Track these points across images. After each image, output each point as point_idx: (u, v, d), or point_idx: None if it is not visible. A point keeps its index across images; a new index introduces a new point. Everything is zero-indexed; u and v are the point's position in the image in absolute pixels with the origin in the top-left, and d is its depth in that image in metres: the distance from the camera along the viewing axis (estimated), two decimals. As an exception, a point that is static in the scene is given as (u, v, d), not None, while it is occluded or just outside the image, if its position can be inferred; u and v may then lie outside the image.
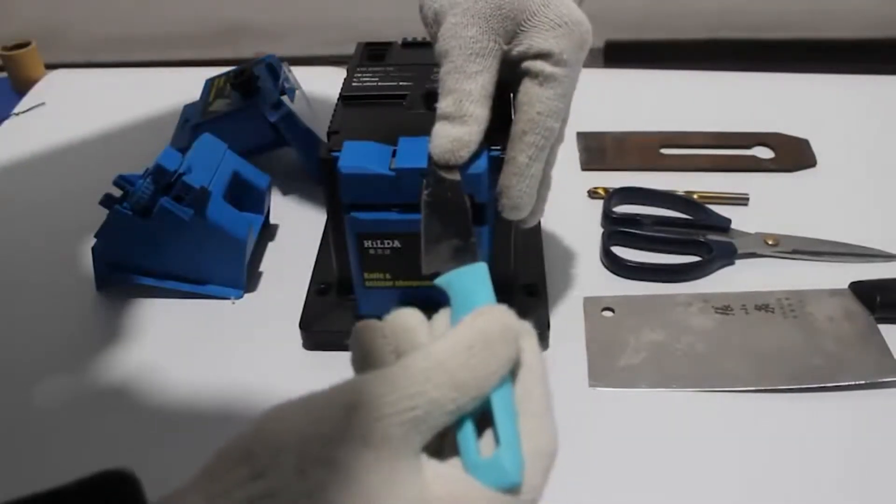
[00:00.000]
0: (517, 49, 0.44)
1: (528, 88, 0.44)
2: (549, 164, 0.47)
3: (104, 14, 1.96)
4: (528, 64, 0.44)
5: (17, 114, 0.82)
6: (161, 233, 0.56)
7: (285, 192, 0.69)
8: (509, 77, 0.46)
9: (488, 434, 0.30)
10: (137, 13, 1.97)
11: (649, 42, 1.96)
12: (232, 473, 0.27)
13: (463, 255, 0.36)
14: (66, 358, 0.55)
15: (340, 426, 0.28)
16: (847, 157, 0.72)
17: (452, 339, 0.30)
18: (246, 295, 0.59)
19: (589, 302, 0.57)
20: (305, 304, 0.56)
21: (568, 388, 0.51)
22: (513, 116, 0.46)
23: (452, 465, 0.30)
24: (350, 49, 0.58)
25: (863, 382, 0.51)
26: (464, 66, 0.43)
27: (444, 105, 0.44)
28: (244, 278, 0.59)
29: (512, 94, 0.47)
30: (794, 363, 0.52)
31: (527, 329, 0.32)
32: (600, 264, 0.61)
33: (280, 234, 0.65)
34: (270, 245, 0.64)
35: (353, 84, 0.54)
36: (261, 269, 0.61)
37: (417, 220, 0.42)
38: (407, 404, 0.29)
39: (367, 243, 0.49)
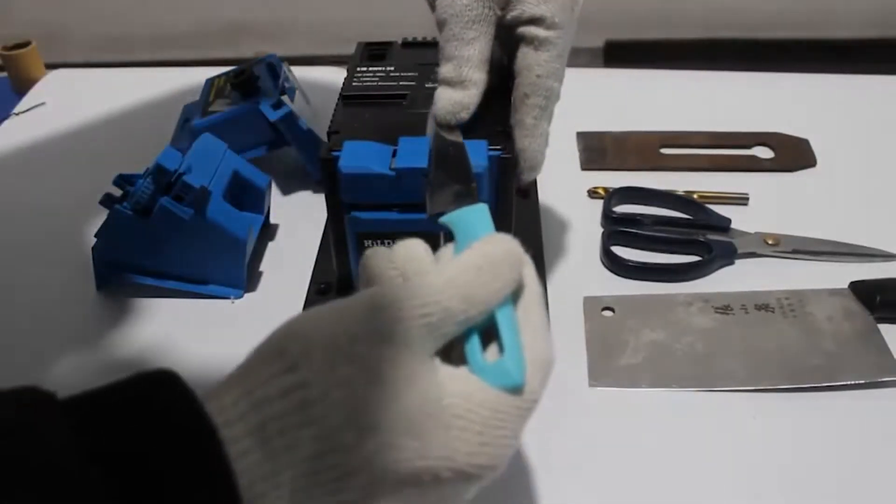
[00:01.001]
0: (511, 14, 0.47)
1: (525, 53, 0.47)
2: (550, 121, 0.50)
3: (104, 14, 1.97)
4: (522, 30, 0.47)
5: (17, 114, 0.82)
6: (161, 233, 0.56)
7: (285, 192, 0.69)
8: (506, 41, 0.48)
9: (492, 347, 0.34)
10: (137, 13, 1.97)
11: (649, 42, 1.96)
12: (267, 368, 0.30)
13: (465, 198, 0.39)
14: (66, 358, 0.55)
15: (365, 326, 0.31)
16: (847, 157, 0.72)
17: (462, 260, 0.34)
18: (246, 295, 0.59)
19: (589, 302, 0.57)
20: (305, 304, 0.56)
21: (568, 387, 0.51)
22: (515, 81, 0.48)
23: (462, 370, 0.33)
24: (350, 49, 0.58)
25: (863, 382, 0.51)
26: (461, 33, 0.46)
27: (444, 71, 0.47)
28: (244, 278, 0.59)
29: (509, 58, 0.49)
30: (793, 363, 0.52)
31: (527, 259, 0.36)
32: (600, 264, 0.61)
33: (280, 234, 0.65)
34: (270, 245, 0.64)
35: (353, 84, 0.54)
36: (261, 269, 0.61)
37: (418, 219, 0.42)
38: (424, 310, 0.32)
39: (368, 243, 0.49)
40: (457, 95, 0.46)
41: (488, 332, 0.34)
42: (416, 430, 0.31)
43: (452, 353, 0.34)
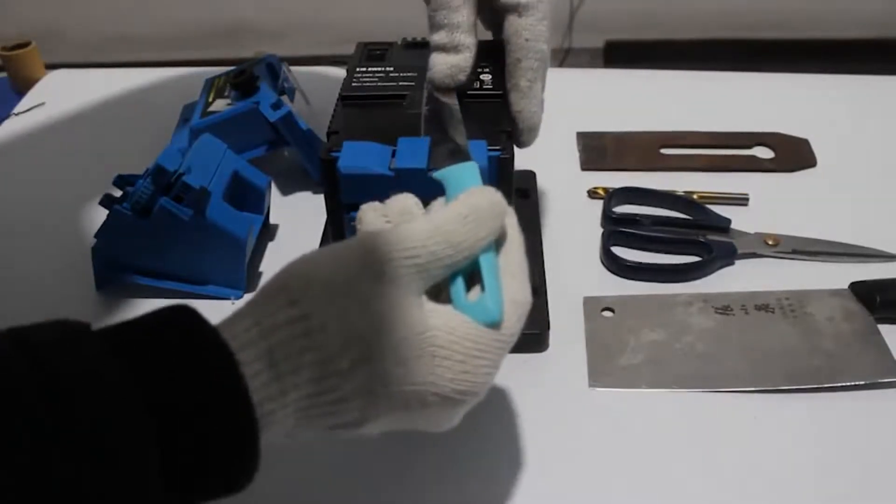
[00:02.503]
0: None
1: (511, 21, 0.50)
2: (544, 82, 0.52)
3: (104, 14, 1.97)
4: (504, 0, 0.49)
5: (17, 114, 0.82)
6: (161, 233, 0.56)
7: (285, 192, 0.69)
8: (490, 16, 0.51)
9: (475, 290, 0.37)
10: (137, 13, 1.98)
11: (649, 42, 1.96)
12: (273, 301, 0.34)
13: (457, 156, 0.42)
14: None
15: (359, 265, 0.35)
16: (847, 157, 0.72)
17: (450, 209, 0.37)
18: (246, 295, 0.59)
19: (589, 302, 0.57)
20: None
21: (568, 388, 0.51)
22: (505, 49, 0.51)
23: (447, 307, 0.37)
24: (350, 49, 0.58)
25: (863, 382, 0.51)
26: (448, 2, 0.49)
27: (437, 38, 0.50)
28: (244, 278, 0.59)
29: (496, 31, 0.52)
30: (794, 363, 0.52)
31: (510, 209, 0.39)
32: (600, 264, 0.61)
33: (280, 234, 0.65)
34: (270, 245, 0.64)
35: (353, 84, 0.54)
36: (261, 269, 0.61)
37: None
38: (411, 253, 0.35)
39: (367, 243, 0.49)
40: (452, 59, 0.49)
41: (472, 276, 0.37)
42: (403, 358, 0.34)
43: (441, 296, 0.37)
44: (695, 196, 0.66)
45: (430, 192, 0.45)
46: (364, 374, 0.34)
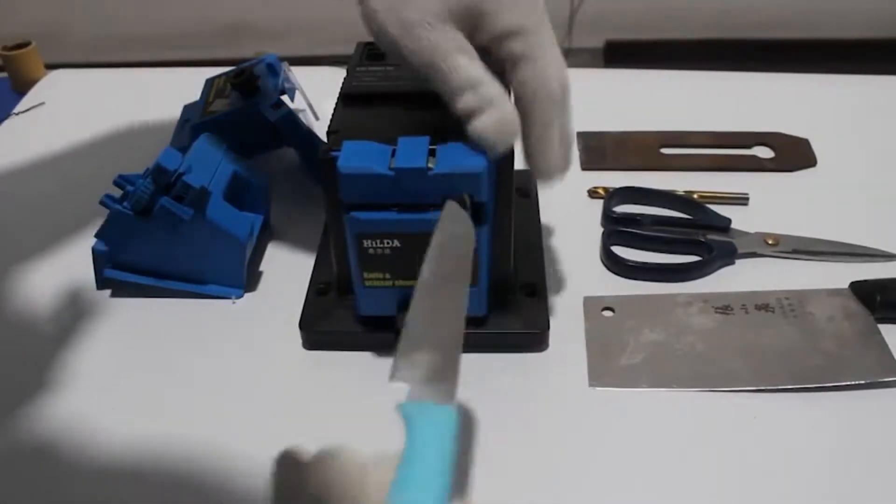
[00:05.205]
0: (486, 37, 0.45)
1: (514, 73, 0.45)
2: (565, 118, 0.47)
3: (104, 14, 1.97)
4: (503, 53, 0.45)
5: (16, 114, 0.82)
6: (161, 232, 0.56)
7: (285, 192, 0.69)
8: (494, 66, 0.46)
9: None
10: (137, 13, 1.98)
11: (649, 42, 1.97)
12: None
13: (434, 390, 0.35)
14: (65, 359, 0.55)
15: None
16: (847, 157, 0.72)
17: None
18: (246, 295, 0.59)
19: (589, 302, 0.57)
20: (305, 304, 0.56)
21: (568, 388, 0.51)
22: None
23: None
24: (350, 49, 0.58)
25: (863, 382, 0.51)
26: (455, 62, 0.44)
27: (464, 103, 0.44)
28: (244, 278, 0.59)
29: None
30: (794, 363, 0.52)
31: None
32: (600, 264, 0.61)
33: (280, 234, 0.65)
34: (270, 245, 0.64)
35: (353, 84, 0.54)
36: (261, 269, 0.61)
37: (417, 220, 0.42)
38: None
39: (367, 243, 0.49)
40: (495, 114, 0.44)
41: None
42: None
43: None
44: (695, 196, 0.66)
45: (429, 192, 0.45)
46: None
